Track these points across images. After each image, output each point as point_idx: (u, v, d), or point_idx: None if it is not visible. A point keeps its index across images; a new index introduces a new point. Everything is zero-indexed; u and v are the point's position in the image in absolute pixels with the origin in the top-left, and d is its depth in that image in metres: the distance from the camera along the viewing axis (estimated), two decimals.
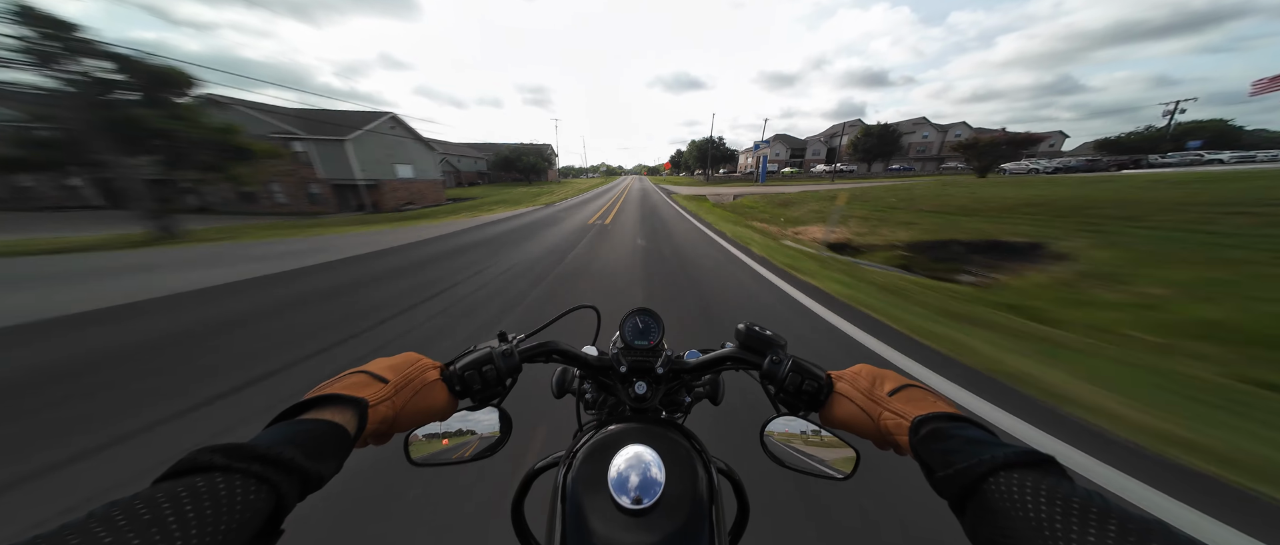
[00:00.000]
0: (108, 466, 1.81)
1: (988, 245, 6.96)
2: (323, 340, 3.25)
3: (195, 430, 2.07)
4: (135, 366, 2.84)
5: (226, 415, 2.21)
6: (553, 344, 0.61)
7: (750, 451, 0.60)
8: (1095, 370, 2.47)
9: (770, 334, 0.59)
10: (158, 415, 2.18)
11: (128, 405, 2.30)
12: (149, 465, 1.80)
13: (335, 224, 14.63)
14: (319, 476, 0.34)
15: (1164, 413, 2.00)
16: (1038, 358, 2.63)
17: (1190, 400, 2.15)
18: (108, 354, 3.07)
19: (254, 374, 2.67)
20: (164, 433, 2.05)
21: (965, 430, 0.38)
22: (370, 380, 0.45)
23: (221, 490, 0.27)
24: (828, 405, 0.51)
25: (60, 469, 1.78)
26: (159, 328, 3.67)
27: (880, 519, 1.44)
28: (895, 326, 3.20)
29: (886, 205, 13.00)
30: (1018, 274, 5.27)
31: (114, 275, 5.94)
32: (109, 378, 2.66)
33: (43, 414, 2.24)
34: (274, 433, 0.35)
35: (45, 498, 1.65)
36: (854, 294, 4.02)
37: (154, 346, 3.20)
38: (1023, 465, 0.32)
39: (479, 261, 6.40)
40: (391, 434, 0.47)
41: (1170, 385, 2.31)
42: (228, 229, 13.23)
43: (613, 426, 0.53)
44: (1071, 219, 8.17)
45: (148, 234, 10.79)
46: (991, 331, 3.14)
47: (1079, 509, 0.27)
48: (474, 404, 0.54)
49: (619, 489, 0.42)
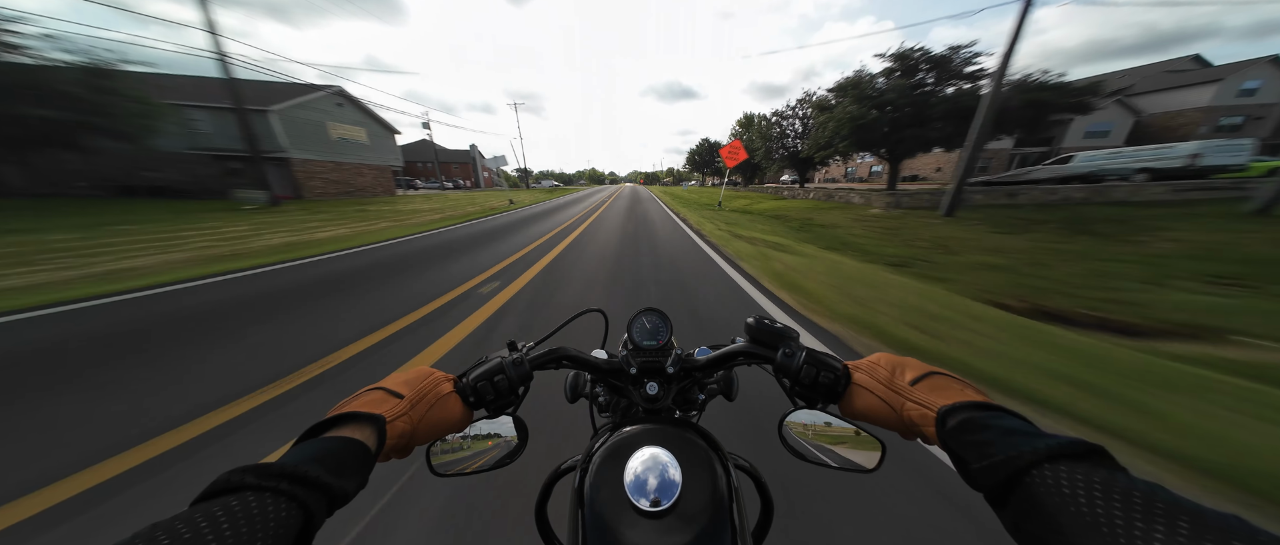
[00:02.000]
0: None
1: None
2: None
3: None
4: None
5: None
6: (562, 350, 0.60)
7: (774, 448, 0.58)
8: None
9: (780, 326, 0.58)
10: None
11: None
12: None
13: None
14: (344, 492, 0.35)
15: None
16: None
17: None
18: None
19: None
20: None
21: (1002, 420, 0.36)
22: (386, 397, 0.46)
23: (254, 509, 0.28)
24: (846, 397, 0.50)
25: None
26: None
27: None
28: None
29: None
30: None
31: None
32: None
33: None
34: (299, 451, 0.36)
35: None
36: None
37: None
38: (1070, 456, 0.30)
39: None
40: (411, 447, 0.47)
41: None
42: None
43: (627, 429, 0.53)
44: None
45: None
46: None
47: (1142, 503, 0.24)
48: (489, 414, 0.54)
49: (636, 492, 0.42)
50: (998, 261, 5.92)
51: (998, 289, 4.48)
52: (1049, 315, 3.64)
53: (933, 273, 5.25)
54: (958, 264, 5.82)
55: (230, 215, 12.20)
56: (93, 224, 9.73)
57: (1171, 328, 3.38)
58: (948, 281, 4.78)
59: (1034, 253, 6.47)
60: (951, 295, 4.12)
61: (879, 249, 7.04)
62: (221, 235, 8.48)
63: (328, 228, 9.83)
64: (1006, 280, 4.87)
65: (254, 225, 10.07)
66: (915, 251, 6.79)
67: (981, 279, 4.93)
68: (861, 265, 5.57)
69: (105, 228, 9.27)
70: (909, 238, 8.18)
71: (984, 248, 6.98)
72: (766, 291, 4.38)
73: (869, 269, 5.29)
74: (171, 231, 8.97)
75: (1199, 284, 4.62)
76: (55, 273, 5.28)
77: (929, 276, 5.03)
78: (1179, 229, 7.87)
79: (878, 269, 5.34)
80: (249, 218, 11.68)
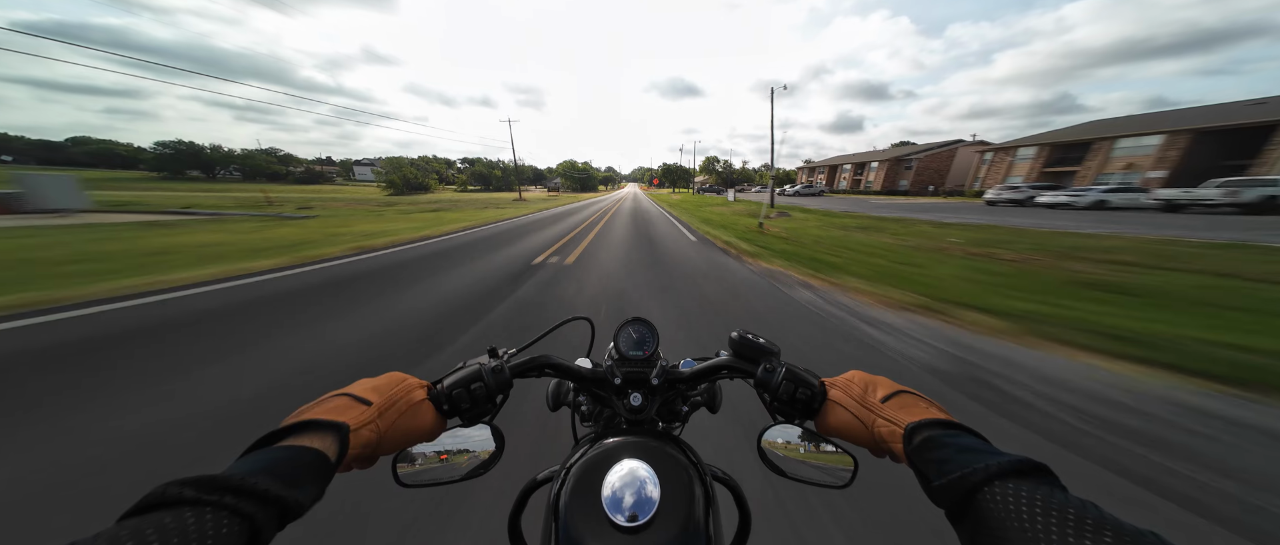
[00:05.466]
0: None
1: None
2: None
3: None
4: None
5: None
6: (545, 358, 0.60)
7: (753, 458, 0.59)
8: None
9: (763, 342, 0.59)
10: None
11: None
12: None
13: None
14: (298, 504, 0.33)
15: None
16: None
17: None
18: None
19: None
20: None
21: (958, 438, 0.38)
22: (352, 403, 0.44)
23: (191, 526, 0.26)
24: (822, 413, 0.51)
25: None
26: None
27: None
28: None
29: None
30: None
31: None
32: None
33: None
34: (247, 462, 0.34)
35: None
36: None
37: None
38: (1017, 474, 0.32)
39: None
40: (376, 457, 0.45)
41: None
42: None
43: (607, 441, 0.53)
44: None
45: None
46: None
47: (1074, 519, 0.27)
48: (464, 423, 0.53)
49: (613, 507, 0.41)
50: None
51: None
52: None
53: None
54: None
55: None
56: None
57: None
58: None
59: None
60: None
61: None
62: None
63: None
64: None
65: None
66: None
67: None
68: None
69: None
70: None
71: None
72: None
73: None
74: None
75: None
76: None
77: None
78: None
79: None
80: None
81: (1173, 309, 4.10)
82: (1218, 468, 1.83)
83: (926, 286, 4.89)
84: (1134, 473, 1.79)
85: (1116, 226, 12.53)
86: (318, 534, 1.40)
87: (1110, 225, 12.99)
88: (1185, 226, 12.34)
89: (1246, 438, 2.07)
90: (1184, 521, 1.55)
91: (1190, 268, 6.04)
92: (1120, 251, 7.45)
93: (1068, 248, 8.02)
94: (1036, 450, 1.94)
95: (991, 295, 4.54)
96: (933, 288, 4.84)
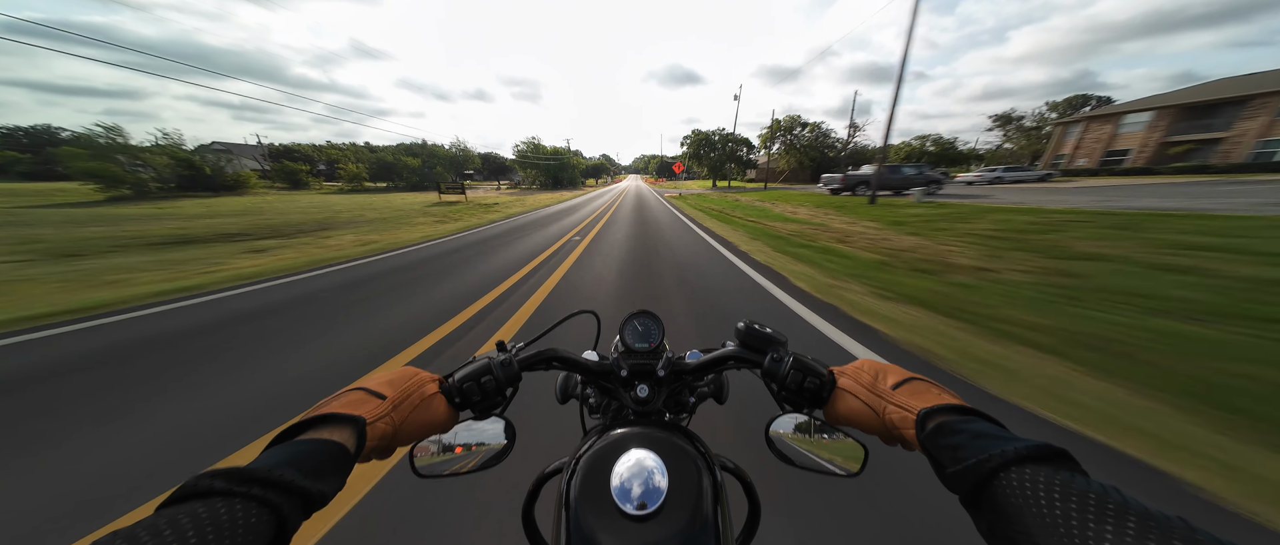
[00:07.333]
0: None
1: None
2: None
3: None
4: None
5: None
6: (552, 351, 0.60)
7: (762, 448, 0.59)
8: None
9: (770, 331, 0.59)
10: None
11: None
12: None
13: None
14: (321, 495, 0.34)
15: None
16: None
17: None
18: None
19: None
20: None
21: (973, 424, 0.37)
22: (367, 397, 0.45)
23: (223, 515, 0.28)
24: (831, 402, 0.51)
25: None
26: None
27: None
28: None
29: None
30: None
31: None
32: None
33: None
34: (273, 455, 0.35)
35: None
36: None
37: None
38: (1035, 460, 0.31)
39: None
40: (393, 449, 0.47)
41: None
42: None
43: (615, 432, 0.53)
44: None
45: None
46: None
47: (1095, 504, 0.26)
48: (476, 415, 0.54)
49: (622, 496, 0.42)
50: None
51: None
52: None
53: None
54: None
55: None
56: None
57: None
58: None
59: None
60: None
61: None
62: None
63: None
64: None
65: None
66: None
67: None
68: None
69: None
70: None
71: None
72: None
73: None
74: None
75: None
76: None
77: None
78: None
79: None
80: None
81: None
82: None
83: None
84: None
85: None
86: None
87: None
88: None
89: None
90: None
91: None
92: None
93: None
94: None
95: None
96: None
